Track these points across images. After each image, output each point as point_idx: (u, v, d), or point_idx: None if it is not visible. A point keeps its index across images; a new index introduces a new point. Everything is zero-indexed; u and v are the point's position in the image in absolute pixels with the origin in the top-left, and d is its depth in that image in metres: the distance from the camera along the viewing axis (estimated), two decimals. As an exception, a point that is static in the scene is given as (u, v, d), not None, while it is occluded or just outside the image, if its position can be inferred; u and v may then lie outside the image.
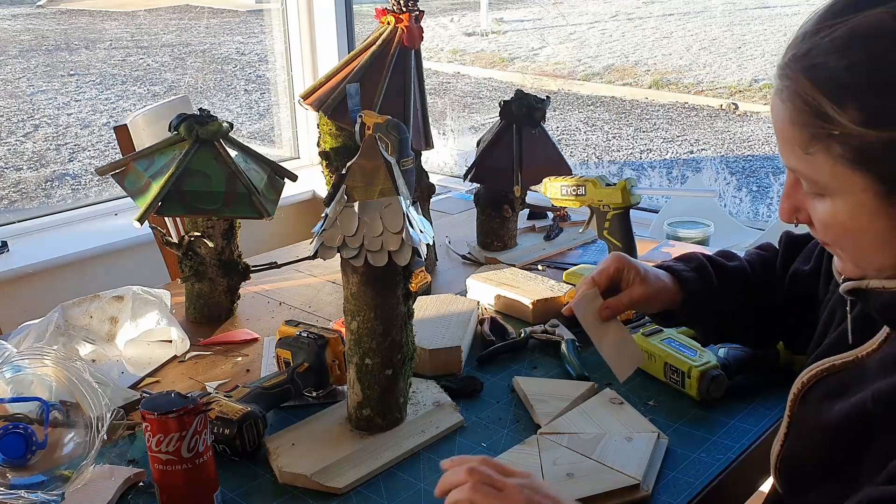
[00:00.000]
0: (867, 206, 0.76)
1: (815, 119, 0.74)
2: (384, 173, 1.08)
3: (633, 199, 1.42)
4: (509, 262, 1.80)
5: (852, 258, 0.83)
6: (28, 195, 3.44)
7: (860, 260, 0.82)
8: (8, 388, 1.12)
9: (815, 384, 0.91)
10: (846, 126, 0.72)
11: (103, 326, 1.44)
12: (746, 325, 1.21)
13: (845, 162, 0.74)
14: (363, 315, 1.11)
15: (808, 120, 0.74)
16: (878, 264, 0.80)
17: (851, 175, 0.74)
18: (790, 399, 0.93)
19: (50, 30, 5.22)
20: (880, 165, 0.73)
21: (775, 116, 0.80)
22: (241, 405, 1.13)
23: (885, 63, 0.70)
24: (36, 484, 1.04)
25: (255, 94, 4.33)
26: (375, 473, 1.09)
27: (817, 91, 0.73)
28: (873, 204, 0.75)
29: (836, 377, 0.88)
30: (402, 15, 1.69)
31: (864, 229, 0.78)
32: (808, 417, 0.89)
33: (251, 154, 1.57)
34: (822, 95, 0.72)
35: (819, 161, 0.76)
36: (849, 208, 0.77)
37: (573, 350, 1.38)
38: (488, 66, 6.31)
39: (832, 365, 0.89)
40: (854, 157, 0.73)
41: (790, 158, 0.80)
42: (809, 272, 1.12)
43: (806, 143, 0.76)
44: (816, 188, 0.79)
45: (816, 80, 0.73)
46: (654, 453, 1.10)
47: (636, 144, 5.13)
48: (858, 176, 0.74)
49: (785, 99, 0.77)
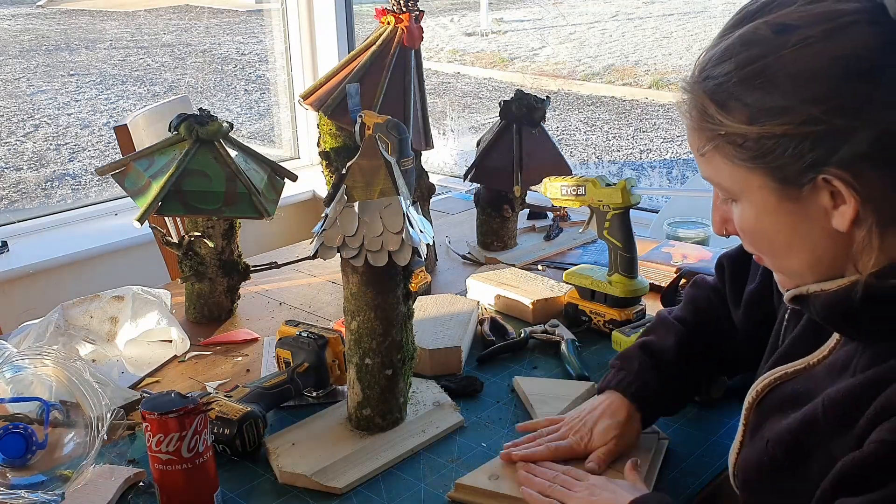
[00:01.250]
0: (767, 204, 0.79)
1: (706, 122, 0.79)
2: (384, 173, 1.08)
3: (633, 199, 1.41)
4: (509, 262, 1.80)
5: (773, 263, 0.86)
6: (28, 195, 3.44)
7: (779, 264, 0.85)
8: (8, 388, 1.12)
9: (769, 393, 0.91)
10: (729, 125, 0.77)
11: (103, 326, 1.44)
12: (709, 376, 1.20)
13: (738, 161, 0.78)
14: (363, 315, 1.11)
15: (701, 125, 0.80)
16: (795, 265, 0.83)
17: (747, 174, 0.79)
18: (745, 408, 0.94)
19: (50, 30, 5.22)
20: (767, 159, 0.76)
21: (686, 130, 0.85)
22: (241, 405, 1.14)
23: (758, 66, 0.75)
24: (36, 484, 1.04)
25: (255, 94, 4.32)
26: (375, 473, 1.09)
27: (705, 97, 0.78)
28: (771, 201, 0.79)
29: (789, 385, 0.89)
30: (402, 15, 1.69)
31: (770, 229, 0.81)
32: (763, 426, 0.89)
33: (251, 154, 1.56)
34: (709, 100, 0.78)
35: (718, 164, 0.81)
36: (752, 209, 0.81)
37: (573, 350, 1.38)
38: (488, 66, 6.30)
39: (785, 373, 0.90)
40: (743, 155, 0.77)
41: (701, 167, 0.85)
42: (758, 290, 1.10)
43: (702, 145, 0.81)
44: (725, 193, 0.84)
45: (706, 89, 0.79)
46: (654, 453, 1.10)
47: (636, 144, 5.13)
48: (752, 174, 0.78)
49: (684, 111, 0.82)
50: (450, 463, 1.12)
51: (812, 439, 0.80)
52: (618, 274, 1.44)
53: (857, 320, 0.80)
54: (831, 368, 0.84)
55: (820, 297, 0.82)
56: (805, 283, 0.83)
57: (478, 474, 1.06)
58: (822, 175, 0.74)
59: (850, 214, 0.74)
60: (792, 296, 0.85)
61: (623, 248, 1.43)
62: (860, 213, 0.74)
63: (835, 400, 0.78)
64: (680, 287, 1.58)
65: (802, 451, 0.81)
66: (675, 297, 1.55)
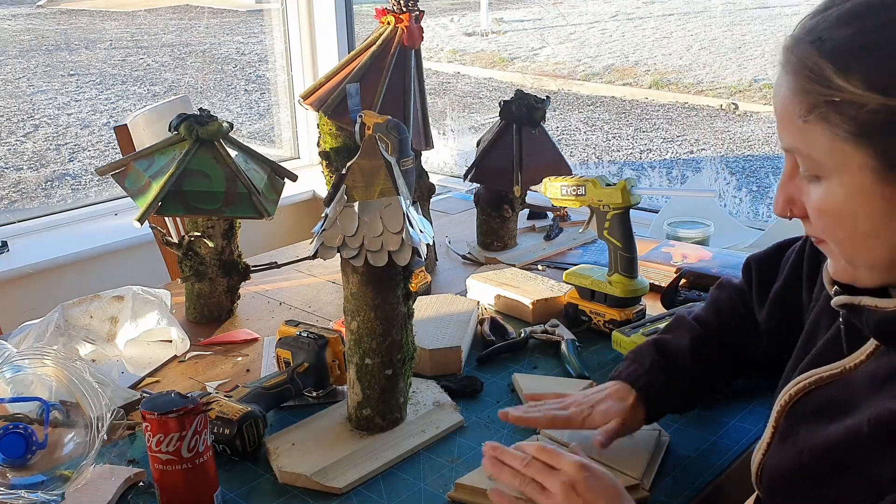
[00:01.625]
0: (863, 186, 0.74)
1: (817, 86, 0.73)
2: (384, 173, 1.08)
3: (633, 199, 1.41)
4: (509, 262, 1.80)
5: (845, 251, 0.80)
6: (28, 195, 3.44)
7: (852, 252, 0.79)
8: (8, 388, 1.12)
9: (803, 398, 0.89)
10: (848, 91, 0.71)
11: (103, 326, 1.44)
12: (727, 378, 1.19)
13: (844, 134, 0.73)
14: (363, 315, 1.11)
15: (810, 87, 0.73)
16: (871, 256, 0.78)
17: (849, 150, 0.73)
18: (776, 411, 0.91)
19: (50, 30, 5.22)
20: (879, 138, 0.71)
21: (777, 93, 0.79)
22: (241, 405, 1.14)
23: (890, 33, 0.70)
24: (36, 484, 1.04)
25: (255, 94, 4.33)
26: (375, 473, 1.09)
27: (822, 59, 0.72)
28: (869, 183, 0.73)
29: (826, 391, 0.86)
30: (402, 15, 1.69)
31: (858, 213, 0.75)
32: (797, 432, 0.87)
33: (251, 154, 1.56)
34: (827, 62, 0.72)
35: (817, 133, 0.75)
36: (844, 189, 0.75)
37: (573, 350, 1.38)
38: (488, 66, 6.31)
39: (820, 377, 0.87)
40: (853, 128, 0.72)
41: (789, 135, 0.78)
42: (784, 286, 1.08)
43: (805, 111, 0.75)
44: (812, 168, 0.78)
45: (822, 50, 0.73)
46: (654, 453, 1.10)
47: (636, 144, 5.13)
48: (856, 151, 0.73)
49: (789, 70, 0.76)
50: (450, 463, 1.12)
51: (851, 456, 0.77)
52: (618, 274, 1.44)
53: None
54: (873, 378, 0.80)
55: (876, 313, 0.78)
56: (871, 278, 0.79)
57: (478, 474, 1.06)
58: None
59: None
60: (843, 303, 0.82)
61: (623, 248, 1.43)
62: None
63: (883, 419, 0.75)
64: (680, 287, 1.58)
65: (840, 466, 0.78)
66: (675, 297, 1.55)
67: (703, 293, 1.58)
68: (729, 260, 1.68)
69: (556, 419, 1.09)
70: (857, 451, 0.77)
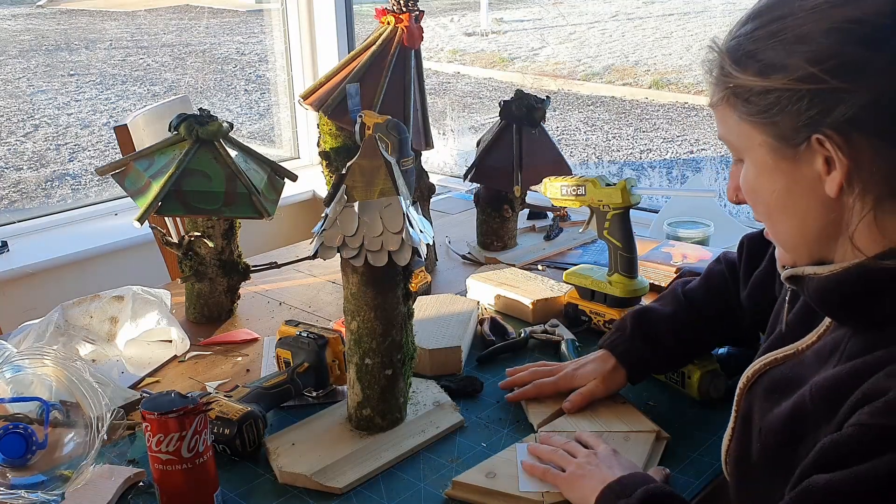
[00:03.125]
0: (766, 163, 0.82)
1: (721, 77, 0.83)
2: (384, 173, 1.08)
3: (633, 199, 1.41)
4: (509, 262, 1.80)
5: (770, 230, 0.88)
6: (28, 195, 3.44)
7: (774, 231, 0.87)
8: (8, 388, 1.12)
9: (758, 379, 0.93)
10: (737, 78, 0.80)
11: (103, 326, 1.44)
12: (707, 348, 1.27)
13: (745, 117, 0.81)
14: (363, 315, 1.11)
15: (717, 79, 0.84)
16: (789, 234, 0.85)
17: (750, 130, 0.82)
18: (736, 395, 0.96)
19: (50, 30, 5.21)
20: (768, 115, 0.79)
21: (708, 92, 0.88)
22: (241, 405, 1.14)
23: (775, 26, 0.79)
24: (36, 484, 1.04)
25: (255, 94, 4.32)
26: (375, 473, 1.09)
27: (724, 53, 0.83)
28: (769, 160, 0.82)
29: (778, 370, 0.91)
30: (402, 15, 1.69)
31: (767, 190, 0.84)
32: (753, 413, 0.91)
33: (251, 154, 1.56)
34: (727, 56, 0.82)
35: (728, 119, 0.84)
36: (754, 167, 0.84)
37: (573, 350, 1.38)
38: (488, 66, 6.30)
39: (774, 359, 0.92)
40: (750, 110, 0.81)
41: (717, 124, 0.88)
42: (764, 272, 1.15)
43: (717, 100, 0.85)
44: (733, 151, 0.87)
45: (728, 46, 0.83)
46: (651, 453, 1.10)
47: (636, 144, 5.13)
48: (755, 130, 0.81)
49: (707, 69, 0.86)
50: (450, 463, 1.12)
51: (801, 427, 0.81)
52: (618, 274, 1.44)
53: (848, 306, 0.81)
54: (819, 354, 0.86)
55: (814, 280, 0.83)
56: (800, 257, 0.86)
57: (475, 472, 1.06)
58: (816, 135, 0.76)
59: (839, 179, 0.77)
60: (788, 275, 0.87)
61: (623, 248, 1.43)
62: (850, 178, 0.76)
63: (822, 387, 0.80)
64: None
65: (793, 438, 0.82)
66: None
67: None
68: (729, 260, 1.68)
69: (544, 386, 1.23)
70: (804, 420, 0.81)
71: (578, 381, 1.21)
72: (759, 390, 0.92)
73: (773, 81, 0.78)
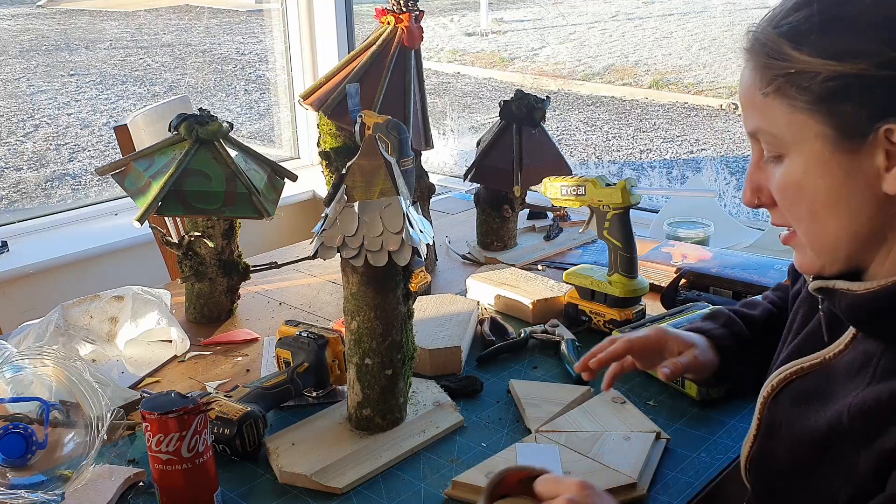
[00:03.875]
0: (821, 156, 0.77)
1: (775, 60, 0.77)
2: (384, 173, 1.08)
3: (633, 199, 1.41)
4: (509, 262, 1.80)
5: (807, 233, 0.82)
6: (28, 195, 3.44)
7: (812, 234, 0.82)
8: (8, 388, 1.12)
9: (785, 387, 0.91)
10: (803, 61, 0.75)
11: (103, 326, 1.44)
12: None
13: (801, 105, 0.76)
14: (363, 315, 1.11)
15: (768, 62, 0.78)
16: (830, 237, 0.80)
17: (806, 120, 0.77)
18: (760, 402, 0.94)
19: (50, 30, 5.21)
20: (833, 105, 0.75)
21: (741, 77, 0.83)
22: (241, 405, 1.14)
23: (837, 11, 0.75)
24: (36, 484, 1.04)
25: (255, 94, 4.32)
26: (375, 473, 1.09)
27: (778, 37, 0.77)
28: (827, 153, 0.76)
29: (806, 380, 0.88)
30: (402, 15, 1.69)
31: (818, 185, 0.78)
32: (780, 422, 0.89)
33: (251, 154, 1.57)
34: (783, 38, 0.77)
35: (776, 108, 0.78)
36: (804, 160, 0.78)
37: (573, 350, 1.38)
38: (488, 66, 6.30)
39: (801, 367, 0.89)
40: (809, 97, 0.76)
41: (751, 117, 0.82)
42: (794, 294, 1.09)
43: (765, 84, 0.79)
44: (774, 146, 0.81)
45: (779, 30, 0.78)
46: (651, 453, 1.10)
47: (636, 144, 5.13)
48: (812, 120, 0.76)
49: (750, 51, 0.81)
50: (450, 463, 1.12)
51: (835, 445, 0.79)
52: (618, 274, 1.44)
53: (884, 323, 0.79)
54: (850, 366, 0.83)
55: (847, 296, 0.80)
56: (833, 262, 0.81)
57: (475, 472, 1.06)
58: (885, 126, 0.72)
59: None
60: (818, 287, 0.84)
61: (623, 248, 1.43)
62: None
63: (860, 409, 0.77)
64: (680, 287, 1.58)
65: (824, 455, 0.80)
66: (675, 297, 1.56)
67: (702, 293, 1.58)
68: (729, 260, 1.69)
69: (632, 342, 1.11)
70: (838, 440, 0.79)
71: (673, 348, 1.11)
72: (786, 400, 0.90)
73: (846, 66, 0.73)
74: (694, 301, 1.50)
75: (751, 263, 1.65)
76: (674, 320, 1.38)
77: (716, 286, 1.60)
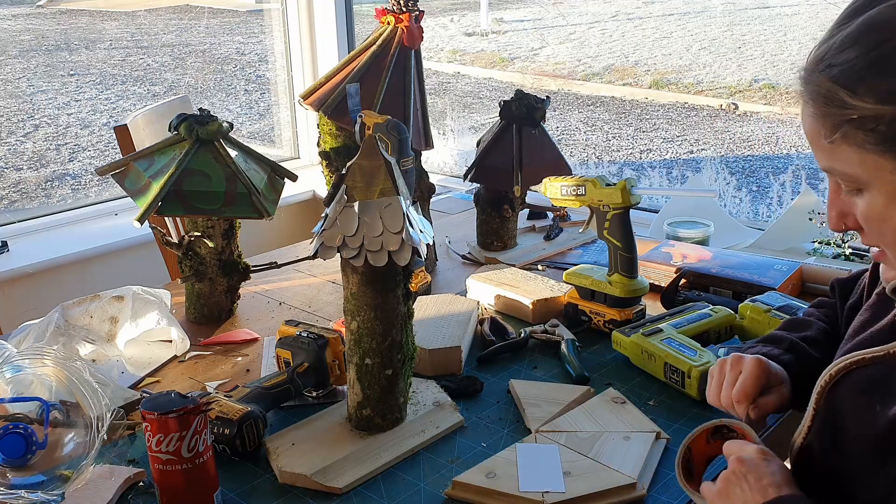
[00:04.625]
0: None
1: (835, 108, 0.78)
2: (384, 173, 1.08)
3: (633, 199, 1.41)
4: (509, 262, 1.80)
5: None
6: (28, 195, 3.44)
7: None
8: (8, 388, 1.12)
9: (843, 378, 0.90)
10: (863, 108, 0.75)
11: (103, 326, 1.44)
12: None
13: (871, 147, 0.77)
14: (363, 315, 1.11)
15: (828, 111, 0.79)
16: None
17: (878, 160, 0.78)
18: (816, 392, 0.93)
19: (50, 30, 5.22)
20: None
21: (803, 122, 0.84)
22: (241, 405, 1.14)
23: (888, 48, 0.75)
24: (36, 484, 1.04)
25: (255, 94, 4.33)
26: (375, 473, 1.09)
27: (833, 84, 0.77)
28: None
29: (868, 371, 0.88)
30: (402, 15, 1.69)
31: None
32: (839, 412, 0.89)
33: (251, 154, 1.57)
34: (837, 85, 0.77)
35: (845, 152, 0.79)
36: (884, 196, 0.80)
37: (573, 350, 1.38)
38: (488, 66, 6.31)
39: (862, 358, 0.88)
40: (877, 139, 0.76)
41: (822, 159, 0.83)
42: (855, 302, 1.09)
43: (830, 133, 0.80)
44: (851, 183, 0.83)
45: (832, 75, 0.78)
46: (651, 453, 1.10)
47: (636, 144, 5.13)
48: (884, 159, 0.77)
49: (807, 100, 0.81)
50: (450, 463, 1.12)
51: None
52: (618, 274, 1.44)
53: None
54: None
55: None
56: None
57: (475, 472, 1.06)
58: None
59: None
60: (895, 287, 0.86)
61: (623, 248, 1.43)
62: None
63: None
64: (680, 287, 1.58)
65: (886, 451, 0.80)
66: (675, 297, 1.56)
67: (702, 293, 1.58)
68: (729, 260, 1.69)
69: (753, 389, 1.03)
70: None
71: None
72: (846, 389, 0.89)
73: None
74: (694, 301, 1.50)
75: (751, 263, 1.65)
76: (674, 320, 1.38)
77: (716, 286, 1.60)
